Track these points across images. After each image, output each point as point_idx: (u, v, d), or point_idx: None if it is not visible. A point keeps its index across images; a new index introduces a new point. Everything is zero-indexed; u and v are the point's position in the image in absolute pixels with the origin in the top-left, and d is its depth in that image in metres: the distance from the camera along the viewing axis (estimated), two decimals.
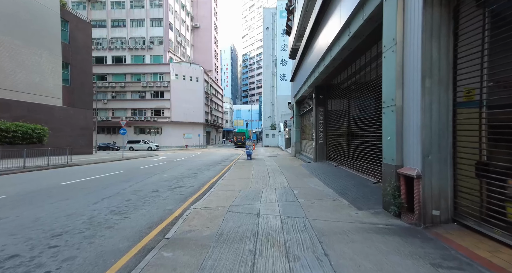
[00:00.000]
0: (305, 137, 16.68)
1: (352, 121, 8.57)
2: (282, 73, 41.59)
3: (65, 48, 21.17)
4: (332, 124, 11.31)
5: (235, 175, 9.11)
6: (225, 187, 6.94)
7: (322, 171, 9.31)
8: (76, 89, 22.59)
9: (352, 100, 8.65)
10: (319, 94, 12.04)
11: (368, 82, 7.08)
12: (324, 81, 11.08)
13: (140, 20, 42.27)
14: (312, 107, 12.90)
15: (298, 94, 16.05)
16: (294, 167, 11.34)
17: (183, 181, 8.39)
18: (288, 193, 5.95)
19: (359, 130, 7.84)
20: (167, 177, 9.25)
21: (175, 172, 10.76)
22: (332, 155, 11.22)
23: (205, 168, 12.15)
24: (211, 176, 9.65)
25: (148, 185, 7.58)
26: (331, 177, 7.85)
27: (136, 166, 13.06)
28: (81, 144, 23.19)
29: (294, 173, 9.50)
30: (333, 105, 11.29)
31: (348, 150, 8.90)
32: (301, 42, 14.59)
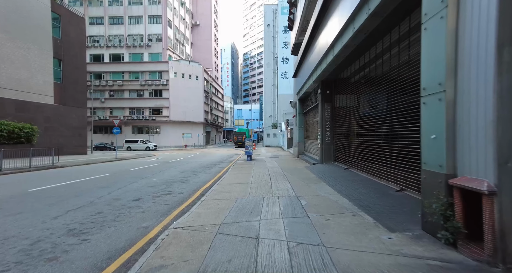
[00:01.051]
0: (309, 137, 15.61)
1: (366, 119, 7.50)
2: (284, 71, 40.55)
3: (57, 44, 20.17)
4: (340, 122, 10.24)
5: (233, 179, 8.07)
6: (220, 194, 5.89)
7: (330, 174, 8.25)
8: (68, 87, 21.59)
9: (365, 94, 7.58)
10: (325, 90, 10.97)
11: (389, 71, 6.00)
12: (331, 74, 10.02)
13: (138, 17, 41.28)
14: (318, 104, 11.84)
15: (302, 90, 14.99)
16: (299, 170, 10.28)
17: (172, 186, 7.34)
18: (294, 204, 4.89)
19: (375, 128, 6.77)
20: (156, 181, 8.21)
21: (167, 175, 9.72)
22: (340, 157, 10.16)
23: (201, 170, 11.11)
24: (205, 180, 8.61)
25: (131, 192, 6.54)
26: (343, 182, 6.79)
27: (126, 168, 12.04)
28: (74, 144, 22.23)
29: (299, 177, 8.44)
30: (341, 101, 10.22)
31: (361, 151, 7.83)
32: (304, 36, 13.65)
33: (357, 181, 6.75)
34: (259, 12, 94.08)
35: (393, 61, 5.80)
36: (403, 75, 5.25)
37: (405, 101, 5.19)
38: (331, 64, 8.54)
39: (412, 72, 4.84)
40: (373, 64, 6.95)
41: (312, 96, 13.84)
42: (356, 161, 8.23)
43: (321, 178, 7.87)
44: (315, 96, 13.15)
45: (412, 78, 4.82)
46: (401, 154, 5.33)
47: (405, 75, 5.16)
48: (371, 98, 7.20)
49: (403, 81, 5.22)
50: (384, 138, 6.23)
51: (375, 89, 6.80)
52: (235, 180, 7.99)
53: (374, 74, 6.87)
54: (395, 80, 5.62)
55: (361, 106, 8.02)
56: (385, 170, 6.13)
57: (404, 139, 5.26)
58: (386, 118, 6.08)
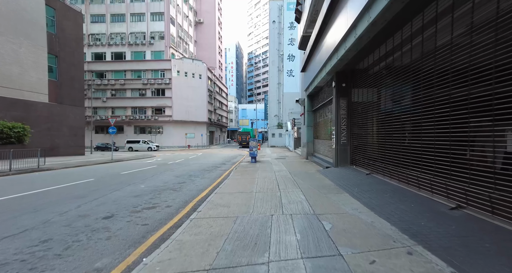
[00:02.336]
0: (319, 136, 14.23)
1: (394, 115, 6.12)
2: (290, 69, 39.23)
3: (52, 39, 19.21)
4: (358, 120, 8.86)
5: (234, 186, 6.77)
6: (216, 209, 4.60)
7: (350, 181, 6.88)
8: (65, 84, 20.63)
9: (395, 86, 6.20)
10: (340, 82, 9.59)
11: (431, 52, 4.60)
12: (348, 64, 8.65)
13: (140, 14, 40.39)
14: (332, 99, 10.45)
15: (311, 85, 13.61)
16: (311, 175, 8.92)
17: (160, 196, 6.08)
18: (315, 228, 3.56)
19: (410, 125, 5.39)
20: (144, 189, 6.97)
21: (159, 180, 8.48)
22: (359, 159, 8.76)
23: (199, 174, 9.84)
24: (202, 187, 7.33)
25: (107, 204, 5.29)
26: (370, 193, 5.42)
27: (117, 171, 10.86)
28: (70, 145, 21.28)
29: (312, 183, 7.08)
30: (360, 96, 8.83)
31: (388, 153, 6.45)
32: (313, 28, 12.47)
33: (388, 192, 5.37)
34: (264, 11, 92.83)
35: (427, 46, 4.41)
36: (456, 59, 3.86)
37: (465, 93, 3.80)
38: (351, 50, 7.17)
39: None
40: (407, 45, 5.56)
41: (324, 91, 12.46)
42: (382, 165, 6.84)
43: (340, 186, 6.50)
44: (327, 91, 11.77)
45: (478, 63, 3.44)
46: (458, 159, 3.95)
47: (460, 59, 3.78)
48: (402, 92, 5.81)
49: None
50: (425, 137, 4.85)
51: (409, 79, 5.40)
52: (237, 187, 6.70)
53: (409, 60, 5.48)
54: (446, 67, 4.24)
55: (386, 101, 6.63)
56: (428, 178, 4.74)
57: (462, 139, 3.88)
58: (428, 113, 4.70)
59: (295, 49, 37.91)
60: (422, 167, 4.97)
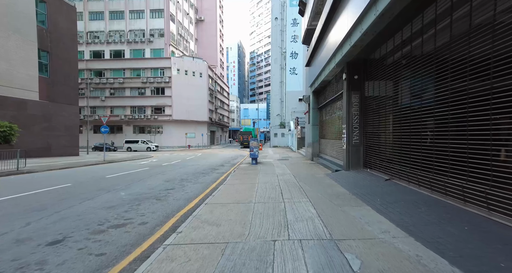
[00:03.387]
0: (325, 136, 13.09)
1: (421, 111, 4.98)
2: (292, 67, 38.07)
3: (42, 34, 18.28)
4: (373, 117, 7.72)
5: (230, 195, 5.68)
6: (201, 229, 3.51)
7: (369, 189, 5.74)
8: (57, 82, 19.69)
9: (423, 77, 5.06)
10: (352, 74, 8.45)
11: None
12: (362, 52, 7.53)
13: (140, 11, 39.48)
14: (342, 94, 9.32)
15: (317, 80, 12.48)
16: (319, 180, 7.79)
17: (139, 207, 5.01)
18: (337, 268, 2.45)
19: (449, 124, 4.25)
20: (123, 197, 5.90)
21: (145, 186, 7.41)
22: (374, 162, 7.62)
23: (192, 179, 8.76)
24: (192, 194, 6.24)
25: (67, 220, 4.22)
26: (398, 206, 4.29)
27: (103, 174, 9.81)
28: (64, 145, 20.34)
29: (322, 191, 5.96)
30: (375, 89, 7.70)
31: (414, 155, 5.31)
32: (318, 20, 11.55)
33: (420, 205, 4.23)
34: (266, 9, 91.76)
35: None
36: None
37: None
38: (368, 33, 6.04)
39: None
40: (421, 36, 4.42)
41: (332, 85, 11.32)
42: (405, 169, 5.69)
43: (357, 195, 5.37)
44: (336, 85, 10.63)
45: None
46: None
47: None
48: (424, 83, 4.67)
49: None
50: (474, 137, 3.71)
51: (435, 69, 4.26)
52: (233, 196, 5.60)
53: (433, 46, 4.34)
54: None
55: (406, 94, 5.49)
56: (481, 190, 3.60)
57: None
58: (467, 107, 3.56)
59: (298, 46, 36.75)
60: (469, 175, 3.83)
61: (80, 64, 39.07)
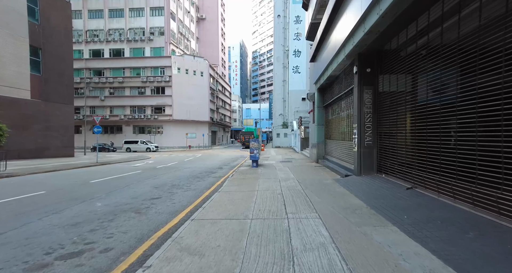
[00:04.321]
0: (332, 137, 12.11)
1: (463, 107, 4.00)
2: (295, 65, 37.07)
3: (34, 29, 17.52)
4: (389, 115, 6.74)
5: (223, 207, 4.74)
6: (177, 262, 2.57)
7: (389, 201, 4.77)
8: (51, 80, 18.93)
9: (442, 71, 4.08)
10: (364, 67, 7.48)
11: None
12: (376, 42, 6.57)
13: (140, 9, 38.75)
14: (352, 89, 8.34)
15: (323, 76, 11.51)
16: (327, 187, 6.82)
17: (111, 224, 4.09)
18: None
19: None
20: (97, 209, 5.00)
21: (128, 194, 6.50)
22: (391, 166, 6.64)
23: (185, 184, 7.85)
24: (179, 206, 5.31)
25: (5, 246, 3.32)
26: (436, 228, 3.31)
27: (87, 179, 8.93)
28: (58, 146, 19.59)
29: (334, 203, 4.99)
30: (390, 84, 6.72)
31: (446, 161, 4.33)
32: (323, 13, 10.48)
33: (466, 227, 3.25)
34: (269, 8, 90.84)
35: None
36: None
37: None
38: (387, 16, 5.07)
39: None
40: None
41: (340, 81, 10.33)
42: (434, 177, 4.71)
43: (377, 209, 4.40)
44: (345, 80, 9.65)
45: None
46: None
47: None
48: (450, 75, 3.69)
49: None
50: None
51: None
52: (227, 209, 4.67)
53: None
54: None
55: (433, 89, 4.52)
56: None
57: None
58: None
59: (301, 44, 35.74)
60: None
61: (79, 63, 38.62)
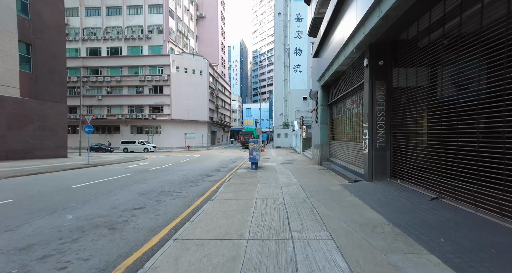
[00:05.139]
0: (337, 137, 11.29)
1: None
2: (296, 64, 36.27)
3: (24, 24, 16.74)
4: (407, 112, 5.92)
5: (214, 222, 3.92)
6: None
7: (414, 216, 3.94)
8: (42, 78, 18.15)
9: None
10: (377, 59, 6.67)
11: None
12: (391, 29, 5.76)
13: (138, 6, 37.96)
14: (361, 85, 7.53)
15: (328, 71, 10.69)
16: (336, 195, 5.99)
17: (69, 250, 3.28)
18: None
19: None
20: (63, 224, 4.19)
21: (108, 203, 5.70)
22: (408, 171, 5.82)
23: (176, 190, 7.04)
24: (162, 221, 4.50)
25: None
26: (492, 261, 2.50)
27: (69, 184, 8.12)
28: (50, 146, 18.80)
29: (347, 218, 4.17)
30: (406, 78, 5.91)
31: (488, 168, 3.52)
32: (326, 8, 9.82)
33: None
34: (269, 8, 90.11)
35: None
36: None
37: None
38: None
39: None
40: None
41: (347, 76, 9.50)
42: (470, 187, 3.89)
43: (403, 227, 3.58)
44: (353, 76, 8.82)
45: None
46: None
47: None
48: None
49: None
50: None
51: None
52: (218, 224, 3.85)
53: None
54: None
55: (467, 83, 3.71)
56: None
57: None
58: None
59: (302, 42, 34.94)
60: None
61: (76, 62, 37.87)
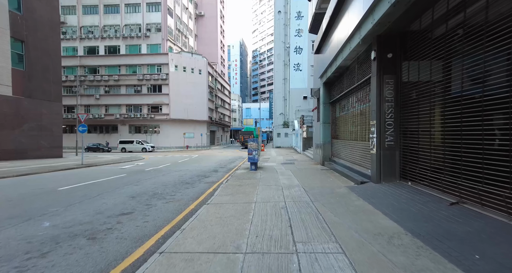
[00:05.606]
0: (340, 136, 10.81)
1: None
2: (296, 63, 35.80)
3: (16, 20, 16.25)
4: (419, 108, 5.45)
5: (207, 231, 3.44)
6: None
7: (435, 224, 3.47)
8: (35, 76, 17.67)
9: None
10: (385, 52, 6.19)
11: None
12: (403, 18, 5.29)
13: (136, 4, 37.45)
14: (368, 80, 7.06)
15: (331, 67, 10.21)
16: (342, 198, 5.51)
17: (37, 266, 2.80)
18: None
19: None
20: (37, 233, 3.71)
21: (92, 208, 5.22)
22: (421, 172, 5.34)
23: (169, 193, 6.56)
24: (149, 229, 4.01)
25: None
26: None
27: (56, 186, 7.64)
28: (45, 146, 18.33)
29: (358, 227, 3.68)
30: (423, 71, 5.43)
31: None
32: (328, 2, 9.42)
33: None
34: (269, 7, 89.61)
35: None
36: None
37: None
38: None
39: None
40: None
41: (351, 72, 9.02)
42: (500, 191, 3.42)
43: (424, 239, 3.10)
44: (358, 71, 8.34)
45: None
46: None
47: None
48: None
49: None
50: None
51: None
52: (212, 235, 3.36)
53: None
54: None
55: (486, 76, 3.24)
56: None
57: None
58: None
59: (303, 40, 34.47)
60: None
61: (73, 61, 37.38)
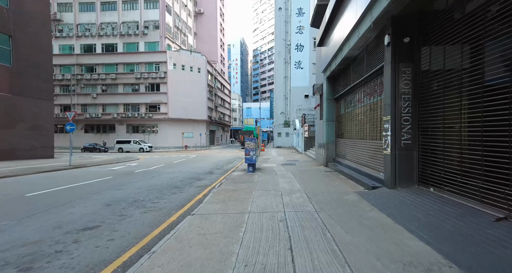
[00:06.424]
0: (345, 135, 9.93)
1: None
2: (297, 60, 34.89)
3: (3, 14, 15.46)
4: (443, 102, 4.57)
5: (184, 256, 2.57)
6: None
7: (489, 252, 2.59)
8: (25, 73, 16.87)
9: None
10: (401, 36, 5.31)
11: None
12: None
13: (133, 1, 36.63)
14: (380, 69, 6.17)
15: (336, 59, 9.33)
16: (353, 207, 4.64)
17: None
18: None
19: None
20: None
21: (52, 221, 4.37)
22: (447, 177, 4.46)
23: (152, 199, 5.71)
24: (111, 250, 3.16)
25: None
26: None
27: (26, 191, 6.79)
28: (34, 146, 17.54)
29: (381, 253, 2.80)
30: (449, 57, 4.55)
31: None
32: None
33: None
34: (270, 5, 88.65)
35: None
36: None
37: None
38: None
39: None
40: None
41: (359, 62, 8.13)
42: None
43: (472, 272, 2.24)
44: (367, 60, 7.44)
45: None
46: None
47: None
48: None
49: None
50: None
51: None
52: (188, 262, 2.49)
53: None
54: None
55: None
56: None
57: None
58: None
59: (304, 38, 33.57)
60: None
61: (70, 59, 36.64)
